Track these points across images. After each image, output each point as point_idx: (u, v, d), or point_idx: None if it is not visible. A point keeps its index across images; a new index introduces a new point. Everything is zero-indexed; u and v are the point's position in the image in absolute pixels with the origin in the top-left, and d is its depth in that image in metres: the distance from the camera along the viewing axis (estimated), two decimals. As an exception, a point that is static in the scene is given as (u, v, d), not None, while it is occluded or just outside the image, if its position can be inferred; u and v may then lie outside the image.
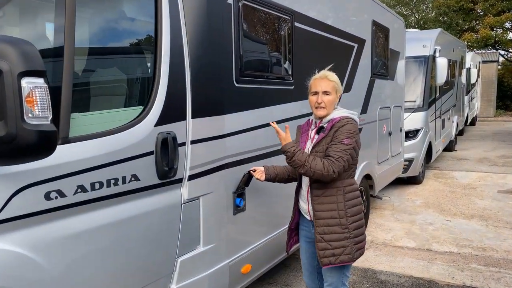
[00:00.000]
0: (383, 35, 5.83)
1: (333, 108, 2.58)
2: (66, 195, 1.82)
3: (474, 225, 5.77)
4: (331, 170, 2.37)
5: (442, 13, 23.13)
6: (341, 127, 2.44)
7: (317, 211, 2.50)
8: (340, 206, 2.48)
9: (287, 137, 2.47)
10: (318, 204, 2.50)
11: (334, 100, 2.56)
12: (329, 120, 2.54)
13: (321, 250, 2.48)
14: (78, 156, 1.87)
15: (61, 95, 1.80)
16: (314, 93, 2.58)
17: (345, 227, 2.47)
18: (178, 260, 2.45)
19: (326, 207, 2.49)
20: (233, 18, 2.77)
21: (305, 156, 2.40)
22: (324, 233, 2.48)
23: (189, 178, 2.47)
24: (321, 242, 2.48)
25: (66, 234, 1.87)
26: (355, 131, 2.47)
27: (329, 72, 2.60)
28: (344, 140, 2.41)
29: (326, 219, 2.48)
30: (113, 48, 2.29)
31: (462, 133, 15.08)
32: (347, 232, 2.47)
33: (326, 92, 2.53)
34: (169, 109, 2.31)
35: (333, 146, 2.42)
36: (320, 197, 2.50)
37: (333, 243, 2.46)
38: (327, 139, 2.47)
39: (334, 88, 2.56)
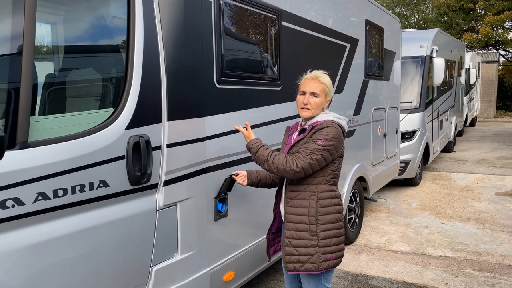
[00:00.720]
0: (377, 35, 5.72)
1: (319, 111, 2.47)
2: (24, 203, 1.72)
3: (470, 228, 5.66)
4: (294, 165, 2.27)
5: (442, 13, 23.00)
6: (320, 129, 2.35)
7: (288, 213, 2.42)
8: (311, 212, 2.37)
9: (250, 134, 2.48)
10: (290, 207, 2.42)
11: (321, 103, 2.45)
12: (313, 122, 2.45)
13: (287, 254, 2.40)
14: (39, 162, 1.76)
15: (19, 98, 1.69)
16: (302, 93, 2.48)
17: (314, 234, 2.35)
18: (153, 269, 2.34)
19: (296, 210, 2.39)
20: (213, 17, 2.67)
21: (268, 152, 2.38)
22: (292, 237, 2.38)
23: (165, 184, 2.37)
24: (288, 246, 2.39)
25: (26, 244, 1.76)
26: (334, 135, 2.33)
27: (321, 73, 2.49)
28: (319, 141, 2.31)
29: (295, 223, 2.38)
30: (82, 47, 2.19)
31: (461, 134, 14.97)
32: (315, 240, 2.35)
33: (314, 94, 2.43)
34: (142, 111, 2.21)
35: (305, 144, 2.35)
36: (292, 200, 2.42)
37: (300, 249, 2.36)
38: (305, 140, 2.38)
39: (323, 91, 2.45)
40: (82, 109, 2.15)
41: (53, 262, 1.86)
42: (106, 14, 2.28)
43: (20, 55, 1.70)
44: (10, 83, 1.70)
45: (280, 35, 3.40)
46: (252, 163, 3.11)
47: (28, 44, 1.72)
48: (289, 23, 3.53)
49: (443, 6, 22.18)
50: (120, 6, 2.21)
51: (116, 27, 2.27)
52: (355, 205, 5.22)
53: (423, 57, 8.14)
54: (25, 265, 1.76)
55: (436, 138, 9.22)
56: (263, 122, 3.26)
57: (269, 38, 3.31)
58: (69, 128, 1.94)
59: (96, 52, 2.26)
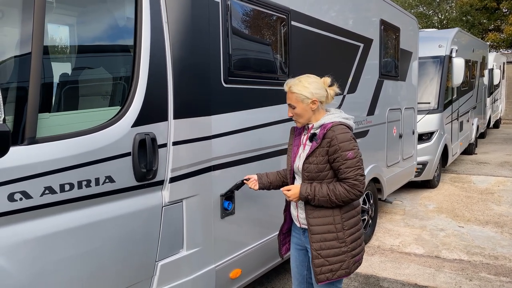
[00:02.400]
0: (393, 34, 5.66)
1: (308, 116, 2.39)
2: (32, 196, 1.79)
3: (488, 232, 5.53)
4: (358, 192, 2.27)
5: (464, 12, 22.50)
6: (334, 140, 2.27)
7: (313, 225, 2.34)
8: (336, 220, 2.33)
9: (294, 189, 2.36)
10: (313, 218, 2.35)
11: (303, 110, 2.37)
12: (321, 125, 2.37)
13: (318, 267, 2.33)
14: (46, 157, 1.83)
15: (27, 95, 1.76)
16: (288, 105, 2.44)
17: (343, 241, 2.33)
18: (158, 264, 2.39)
19: (322, 221, 2.33)
20: (221, 16, 2.71)
21: (324, 191, 2.28)
22: (321, 249, 2.32)
23: (171, 180, 2.42)
24: (317, 258, 2.32)
25: (34, 236, 1.84)
26: (350, 138, 2.30)
27: (294, 82, 2.40)
28: (349, 155, 2.26)
29: (322, 234, 2.33)
30: (90, 46, 2.26)
31: (484, 136, 14.60)
32: (345, 246, 2.33)
33: (290, 105, 2.40)
34: (148, 110, 2.26)
35: (342, 167, 2.27)
36: (315, 210, 2.35)
37: (331, 259, 2.32)
38: (320, 150, 2.30)
39: (298, 99, 2.36)
40: (90, 107, 2.22)
41: (59, 254, 1.93)
42: (114, 15, 2.35)
43: (29, 55, 1.78)
44: (20, 82, 1.78)
45: (290, 34, 3.41)
46: (261, 161, 3.15)
47: (37, 43, 1.79)
48: (299, 23, 3.54)
49: (466, 5, 21.70)
50: (128, 7, 2.27)
51: (123, 27, 2.34)
52: (368, 206, 5.17)
53: (442, 57, 8.00)
54: (32, 256, 1.83)
55: (456, 140, 9.03)
56: (273, 121, 3.28)
57: (279, 38, 3.33)
58: (77, 125, 2.01)
59: (103, 52, 2.33)
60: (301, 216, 2.47)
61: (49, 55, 2.00)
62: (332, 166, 2.31)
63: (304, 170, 2.35)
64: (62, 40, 2.13)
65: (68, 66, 2.18)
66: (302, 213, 2.45)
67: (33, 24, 1.79)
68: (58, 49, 2.09)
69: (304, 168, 2.35)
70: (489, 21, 22.77)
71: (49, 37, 1.94)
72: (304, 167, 2.35)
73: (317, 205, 2.33)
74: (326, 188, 2.29)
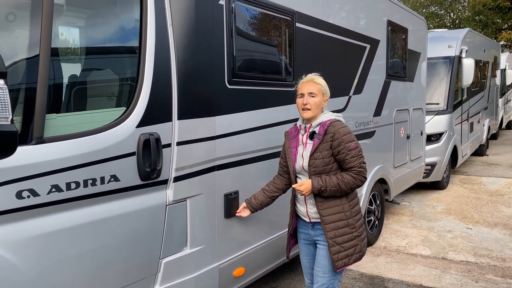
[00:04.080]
0: (400, 35, 5.65)
1: (319, 110, 2.59)
2: (39, 194, 1.85)
3: (497, 234, 5.49)
4: (363, 178, 2.50)
5: (477, 12, 22.24)
6: (336, 134, 2.47)
7: (324, 216, 2.52)
8: (345, 207, 2.54)
9: (306, 184, 2.49)
10: (324, 209, 2.52)
11: (320, 102, 2.58)
12: (319, 123, 2.56)
13: (335, 254, 2.50)
14: (53, 156, 1.90)
15: (35, 96, 1.83)
16: (301, 96, 2.61)
17: (353, 226, 2.54)
18: (162, 261, 2.45)
19: (332, 210, 2.52)
20: (225, 19, 2.75)
21: (334, 182, 2.46)
22: (335, 236, 2.50)
23: (175, 180, 2.47)
24: (333, 246, 2.50)
25: (40, 233, 1.90)
26: (349, 131, 2.53)
27: (315, 76, 2.65)
28: (352, 145, 2.47)
29: (335, 223, 2.51)
30: (96, 48, 2.33)
31: (496, 137, 14.42)
32: (355, 231, 2.55)
33: (311, 94, 2.56)
34: (153, 111, 2.32)
35: (347, 158, 2.47)
36: (324, 202, 2.52)
37: (345, 245, 2.51)
38: (324, 145, 2.49)
39: (320, 91, 2.59)
40: (96, 108, 2.28)
41: (66, 251, 1.99)
42: (119, 18, 2.41)
43: (37, 57, 1.85)
44: (28, 83, 1.85)
45: (294, 36, 3.45)
46: (265, 162, 3.18)
47: (45, 45, 1.86)
48: (304, 24, 3.57)
49: (478, 4, 21.45)
50: (133, 10, 2.33)
51: (128, 30, 2.40)
52: (375, 207, 5.18)
53: (451, 57, 7.95)
54: (39, 252, 1.90)
55: (466, 141, 8.96)
56: (277, 122, 3.32)
57: (283, 39, 3.37)
58: (83, 125, 2.08)
59: (109, 54, 2.39)
60: (310, 211, 2.60)
61: (56, 56, 2.07)
62: (336, 159, 2.50)
63: (310, 166, 2.51)
64: (69, 42, 2.20)
65: (74, 68, 2.25)
66: (311, 207, 2.59)
67: (41, 26, 1.85)
68: (65, 51, 2.15)
69: (310, 164, 2.51)
70: (502, 21, 22.48)
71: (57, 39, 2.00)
72: (310, 163, 2.51)
73: (327, 196, 2.50)
74: (335, 178, 2.47)
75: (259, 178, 3.16)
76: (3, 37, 1.92)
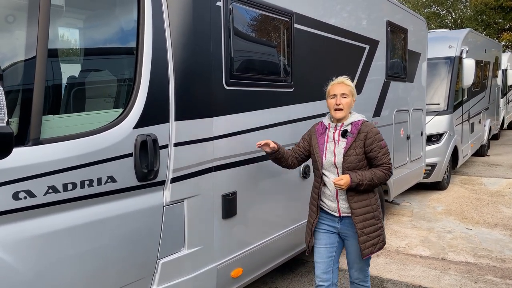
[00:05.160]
0: (400, 36, 5.65)
1: (349, 111, 2.79)
2: (36, 195, 1.86)
3: (497, 234, 5.48)
4: (391, 173, 2.77)
5: (479, 12, 22.19)
6: (370, 133, 2.70)
7: (355, 209, 2.71)
8: (372, 201, 2.76)
9: (345, 178, 2.63)
10: (355, 202, 2.71)
11: (351, 103, 2.78)
12: (351, 123, 2.75)
13: (363, 243, 2.72)
14: (50, 157, 1.91)
15: (32, 97, 1.84)
16: (333, 96, 2.78)
17: (378, 218, 2.77)
18: (160, 262, 2.46)
19: (362, 204, 2.72)
20: (223, 20, 2.76)
21: (368, 176, 2.66)
22: (364, 227, 2.71)
23: (172, 181, 2.48)
24: (362, 236, 2.72)
25: (37, 234, 1.91)
26: (379, 131, 2.77)
27: (345, 78, 2.85)
28: (382, 144, 2.72)
29: (364, 215, 2.71)
30: (93, 49, 2.34)
31: (497, 138, 14.39)
32: (380, 222, 2.79)
33: (343, 95, 2.74)
34: (150, 112, 2.33)
35: (379, 155, 2.70)
36: (355, 196, 2.71)
37: (371, 235, 2.73)
38: (357, 143, 2.69)
39: (351, 92, 2.78)
40: (93, 109, 2.29)
41: (63, 252, 2.00)
42: (117, 19, 2.42)
43: (34, 58, 1.86)
44: (25, 85, 1.86)
45: (293, 37, 3.45)
46: (262, 163, 3.19)
47: (41, 47, 1.87)
48: (303, 25, 3.57)
49: (480, 4, 21.40)
50: (130, 11, 2.34)
51: (125, 31, 2.41)
52: (374, 207, 5.17)
53: (452, 58, 7.94)
54: (36, 253, 1.91)
55: (467, 142, 8.94)
56: (275, 123, 3.33)
57: (281, 40, 3.37)
58: (80, 126, 2.09)
59: (106, 55, 2.40)
60: (342, 206, 2.77)
61: (53, 58, 2.08)
62: (368, 156, 2.72)
63: (344, 162, 2.69)
64: (65, 43, 2.21)
65: (71, 69, 2.26)
66: (344, 203, 2.76)
67: (38, 28, 1.86)
68: (62, 52, 2.16)
69: (344, 160, 2.69)
70: (504, 21, 22.43)
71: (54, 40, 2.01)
72: (345, 159, 2.69)
73: (358, 191, 2.69)
74: (369, 173, 2.68)
75: (257, 179, 3.17)
76: (1, 38, 1.93)
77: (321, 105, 3.92)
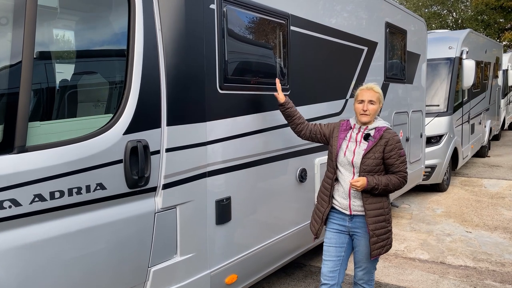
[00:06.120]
0: (399, 37, 5.60)
1: (375, 116, 2.87)
2: (21, 204, 1.82)
3: (497, 237, 5.43)
4: (405, 181, 2.83)
5: (480, 12, 22.11)
6: (391, 140, 2.76)
7: (369, 210, 2.77)
8: (385, 205, 2.83)
9: (362, 180, 2.69)
10: (369, 204, 2.77)
11: (377, 109, 2.86)
12: (375, 128, 2.82)
13: (373, 244, 2.78)
14: (36, 165, 1.86)
15: (17, 103, 1.80)
16: (360, 101, 2.85)
17: (388, 221, 2.85)
18: (151, 269, 2.41)
19: (375, 206, 2.78)
20: (216, 23, 2.72)
21: (384, 182, 2.73)
22: (375, 229, 2.77)
23: (164, 187, 2.43)
24: (373, 237, 2.78)
25: (24, 243, 1.87)
26: (400, 140, 2.84)
27: (374, 85, 2.93)
28: (402, 152, 2.80)
29: (376, 217, 2.77)
30: (82, 53, 2.29)
31: (498, 138, 14.33)
32: (389, 226, 2.86)
33: (371, 101, 2.82)
34: (141, 117, 2.28)
35: (397, 162, 2.77)
36: (369, 198, 2.77)
37: (381, 237, 2.80)
38: (378, 147, 2.76)
39: (378, 99, 2.86)
40: (81, 115, 2.25)
41: (50, 261, 1.96)
42: (107, 23, 2.38)
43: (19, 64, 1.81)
44: (10, 90, 1.81)
45: (289, 40, 3.40)
46: (258, 167, 3.15)
47: (27, 51, 1.82)
48: (299, 27, 3.53)
49: (481, 4, 21.33)
50: (121, 14, 2.29)
51: (116, 35, 2.36)
52: (372, 210, 5.13)
53: (452, 58, 7.88)
54: (22, 263, 1.86)
55: (467, 143, 8.89)
56: (271, 126, 3.28)
57: (277, 43, 3.32)
58: (68, 133, 2.04)
59: (95, 60, 2.35)
60: (354, 204, 2.82)
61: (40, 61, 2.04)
62: (386, 162, 2.78)
63: (362, 164, 2.75)
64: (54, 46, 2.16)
65: (59, 74, 2.22)
66: (356, 201, 2.81)
67: (24, 32, 1.82)
68: (50, 56, 2.11)
69: (362, 162, 2.75)
70: (505, 21, 22.35)
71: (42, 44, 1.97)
72: (363, 161, 2.75)
73: (372, 193, 2.75)
74: (385, 179, 2.75)
75: (252, 184, 3.12)
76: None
77: (318, 108, 3.88)
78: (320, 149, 3.89)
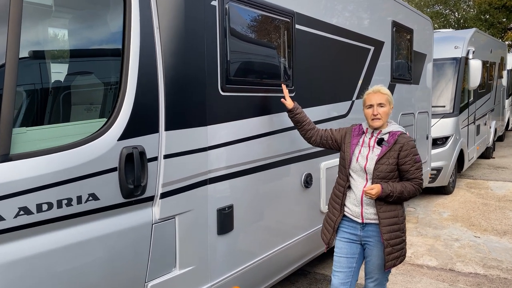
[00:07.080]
0: (406, 36, 5.43)
1: (386, 119, 2.72)
2: (4, 218, 1.66)
3: (506, 243, 5.26)
4: (421, 189, 2.69)
5: (483, 11, 21.92)
6: (406, 145, 2.63)
7: (383, 219, 2.64)
8: (400, 213, 2.70)
9: (376, 187, 2.56)
10: (383, 212, 2.64)
11: (388, 111, 2.71)
12: (388, 132, 2.69)
13: (388, 255, 2.65)
14: (21, 175, 1.70)
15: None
16: (369, 106, 2.71)
17: (403, 231, 2.72)
18: (148, 284, 2.25)
19: (389, 214, 2.65)
20: (218, 21, 2.55)
21: (399, 189, 2.60)
22: (390, 238, 2.64)
23: (162, 196, 2.27)
24: (388, 247, 2.65)
25: (9, 260, 1.71)
26: (415, 145, 2.70)
27: (381, 86, 2.78)
28: (417, 158, 2.66)
29: (391, 226, 2.65)
30: (74, 53, 2.13)
31: (503, 139, 14.16)
32: (404, 235, 2.73)
33: (380, 104, 2.68)
34: (137, 122, 2.12)
35: (412, 169, 2.63)
36: (383, 205, 2.64)
37: (396, 247, 2.67)
38: (392, 153, 2.62)
39: (387, 101, 2.71)
40: (72, 120, 2.09)
41: (37, 279, 1.80)
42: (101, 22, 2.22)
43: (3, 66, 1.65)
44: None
45: (294, 39, 3.24)
46: (261, 173, 2.99)
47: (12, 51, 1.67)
48: (304, 26, 3.36)
49: (484, 3, 21.14)
50: (116, 13, 2.13)
51: (110, 34, 2.20)
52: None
53: (458, 58, 7.72)
54: (6, 282, 1.70)
55: (472, 144, 8.72)
56: (275, 130, 3.12)
57: (282, 42, 3.16)
58: (58, 139, 1.88)
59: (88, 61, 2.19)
60: (366, 212, 2.68)
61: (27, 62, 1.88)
62: (400, 168, 2.63)
63: (375, 170, 2.61)
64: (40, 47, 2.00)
65: (47, 76, 2.05)
66: (368, 209, 2.67)
67: (8, 30, 1.66)
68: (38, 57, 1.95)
69: (376, 168, 2.61)
70: (508, 20, 22.16)
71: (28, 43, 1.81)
72: (376, 167, 2.61)
73: (386, 201, 2.62)
74: (400, 186, 2.61)
75: (255, 190, 2.96)
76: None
77: (324, 110, 3.72)
78: (326, 153, 3.73)
